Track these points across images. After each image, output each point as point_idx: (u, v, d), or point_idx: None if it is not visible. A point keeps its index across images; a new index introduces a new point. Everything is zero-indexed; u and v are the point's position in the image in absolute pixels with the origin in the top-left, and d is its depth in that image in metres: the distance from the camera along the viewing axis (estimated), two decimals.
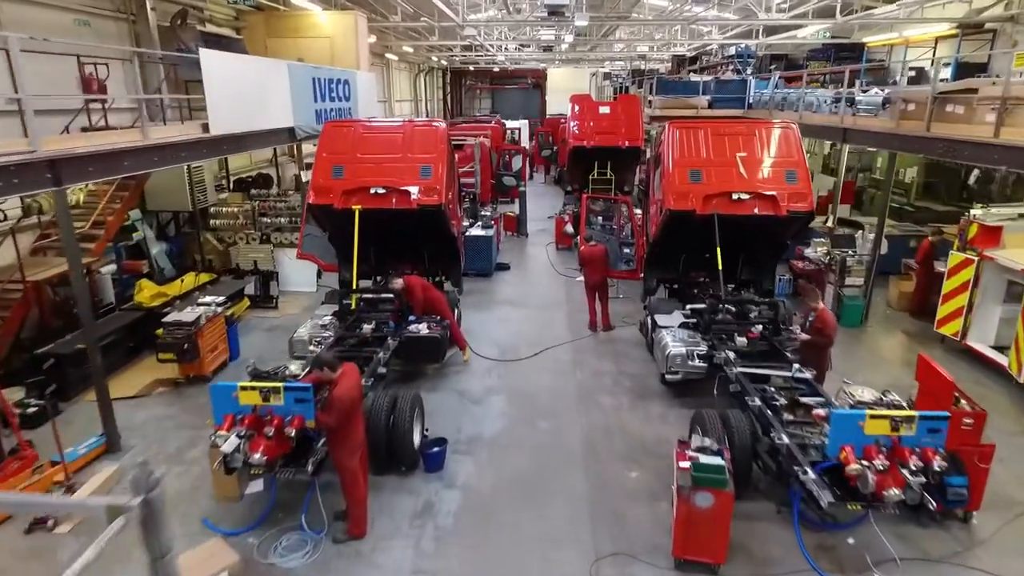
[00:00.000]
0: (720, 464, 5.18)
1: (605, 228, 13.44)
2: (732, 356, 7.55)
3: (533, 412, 8.25)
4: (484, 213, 16.10)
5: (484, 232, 14.35)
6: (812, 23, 18.23)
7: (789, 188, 8.37)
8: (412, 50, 28.53)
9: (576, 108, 17.88)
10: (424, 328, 8.60)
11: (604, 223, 13.81)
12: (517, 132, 27.15)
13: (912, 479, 4.81)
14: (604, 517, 6.20)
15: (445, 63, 39.06)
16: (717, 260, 8.49)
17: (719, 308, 8.64)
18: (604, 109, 17.96)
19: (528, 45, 31.20)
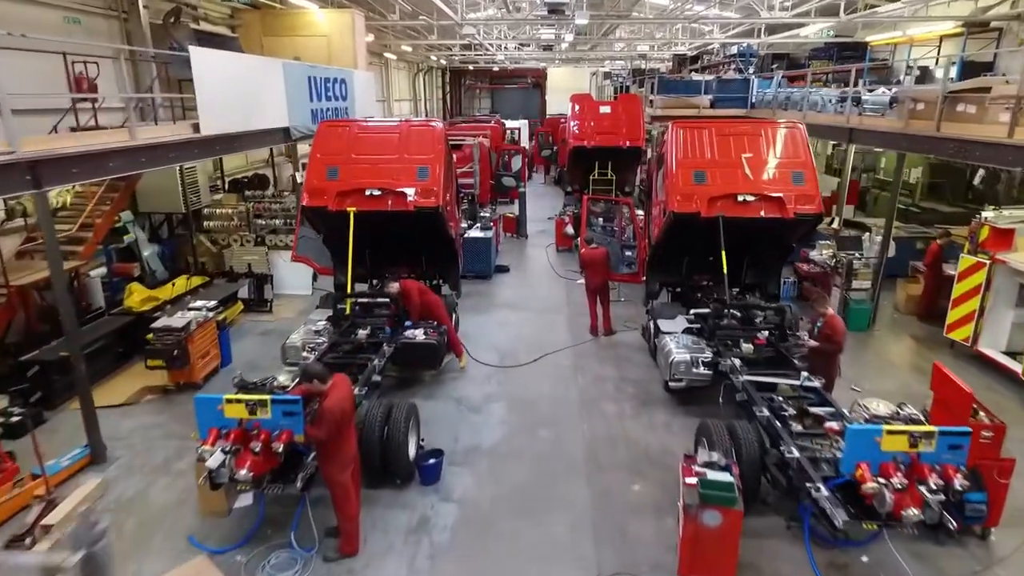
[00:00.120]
0: (729, 481, 4.96)
1: (606, 230, 13.21)
2: (738, 363, 7.31)
3: (533, 420, 8.02)
4: (483, 214, 15.84)
5: (483, 234, 14.11)
6: (815, 21, 18.02)
7: (796, 190, 8.17)
8: (411, 49, 28.31)
9: (576, 108, 17.62)
10: (420, 334, 8.37)
11: (605, 225, 13.57)
12: (517, 132, 26.95)
13: (931, 498, 4.57)
14: (607, 532, 5.97)
15: (444, 62, 38.81)
16: (722, 264, 8.27)
17: (724, 313, 8.42)
18: (605, 109, 17.67)
19: (528, 44, 31.00)
